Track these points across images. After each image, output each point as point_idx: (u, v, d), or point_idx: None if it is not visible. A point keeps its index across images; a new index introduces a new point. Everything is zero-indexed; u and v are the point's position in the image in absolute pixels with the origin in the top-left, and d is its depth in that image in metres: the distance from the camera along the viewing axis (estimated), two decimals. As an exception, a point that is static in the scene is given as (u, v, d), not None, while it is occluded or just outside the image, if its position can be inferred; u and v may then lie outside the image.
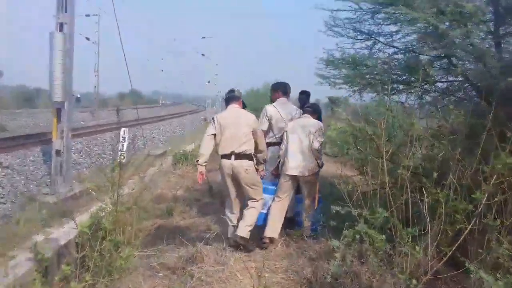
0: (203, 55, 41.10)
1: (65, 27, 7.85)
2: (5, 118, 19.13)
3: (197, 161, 4.91)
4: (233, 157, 4.72)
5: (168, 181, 8.40)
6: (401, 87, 4.83)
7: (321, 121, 5.45)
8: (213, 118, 4.98)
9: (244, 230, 4.71)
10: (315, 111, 5.22)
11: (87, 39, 27.47)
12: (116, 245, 4.01)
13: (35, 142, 11.44)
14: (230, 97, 5.06)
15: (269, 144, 5.33)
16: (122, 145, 11.88)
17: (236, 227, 4.81)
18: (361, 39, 4.82)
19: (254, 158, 4.83)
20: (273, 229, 4.81)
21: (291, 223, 5.20)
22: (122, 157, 11.77)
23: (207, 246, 4.44)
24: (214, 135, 4.83)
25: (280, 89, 5.76)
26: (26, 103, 41.56)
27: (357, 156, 4.04)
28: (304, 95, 7.29)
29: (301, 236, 4.77)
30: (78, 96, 45.46)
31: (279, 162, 5.13)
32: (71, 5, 7.85)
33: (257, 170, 4.89)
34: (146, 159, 12.96)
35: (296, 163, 4.82)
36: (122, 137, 11.94)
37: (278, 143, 5.30)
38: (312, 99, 7.19)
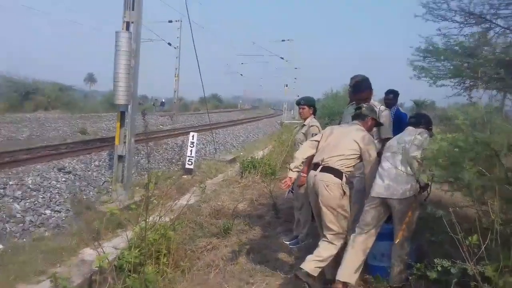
0: (282, 58, 40.50)
1: (131, 26, 7.51)
2: (89, 122, 19.96)
3: (290, 164, 4.11)
4: (319, 167, 3.84)
5: (231, 192, 7.69)
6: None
7: None
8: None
9: (310, 265, 3.76)
10: (420, 123, 3.97)
11: (169, 44, 27.99)
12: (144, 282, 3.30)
13: (103, 146, 11.43)
14: (356, 115, 4.16)
15: None
16: (191, 150, 11.56)
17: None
18: (471, 23, 3.68)
19: (344, 178, 3.80)
20: (349, 271, 3.64)
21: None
22: (190, 163, 11.47)
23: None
24: (318, 142, 4.05)
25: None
26: (113, 108, 43.96)
27: (476, 183, 2.73)
28: (392, 95, 6.18)
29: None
30: (163, 100, 47.43)
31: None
32: (138, 3, 7.48)
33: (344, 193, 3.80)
34: (216, 165, 12.53)
35: (385, 181, 3.69)
36: (191, 142, 11.60)
37: None
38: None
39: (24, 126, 16.55)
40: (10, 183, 6.94)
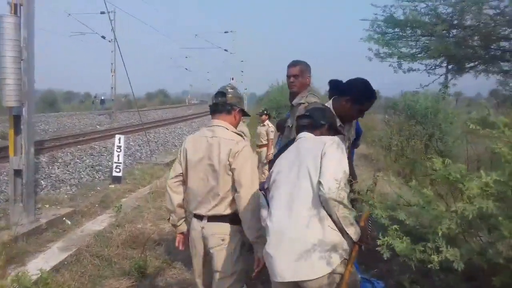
0: (226, 50, 39.21)
1: (20, 10, 6.00)
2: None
3: (169, 219, 3.00)
4: (204, 219, 2.75)
5: (159, 207, 6.42)
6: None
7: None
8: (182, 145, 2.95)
9: None
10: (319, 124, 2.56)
11: (103, 37, 25.90)
12: None
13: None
14: (213, 106, 2.88)
15: None
16: (118, 155, 10.08)
17: None
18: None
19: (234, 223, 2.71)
20: None
21: None
22: (118, 170, 10.01)
23: None
24: (182, 175, 2.87)
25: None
26: (50, 107, 40.85)
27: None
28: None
29: None
30: (102, 98, 44.62)
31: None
32: (27, -20, 5.97)
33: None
34: (151, 169, 11.16)
35: (287, 255, 2.11)
36: (117, 146, 10.10)
37: None
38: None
39: None
40: None
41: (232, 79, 42.24)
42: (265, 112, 8.83)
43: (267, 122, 8.68)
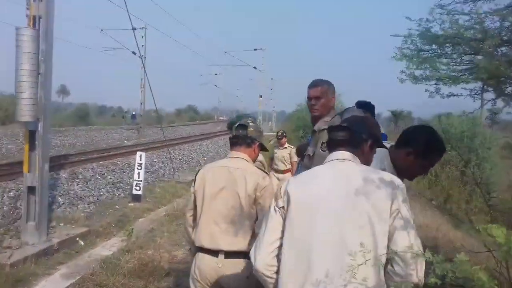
0: (255, 68, 39.16)
1: (39, 22, 5.86)
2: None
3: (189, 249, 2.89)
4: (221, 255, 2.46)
5: (173, 231, 6.05)
6: None
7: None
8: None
9: None
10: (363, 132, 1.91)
11: (134, 53, 26.22)
12: None
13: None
14: (234, 138, 2.74)
15: None
16: (138, 173, 9.84)
17: None
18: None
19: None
20: None
21: None
22: (138, 188, 9.75)
23: None
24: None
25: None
26: (82, 121, 41.75)
27: None
28: (363, 110, 4.60)
29: None
30: (133, 113, 45.30)
31: None
32: (48, -8, 5.83)
33: None
34: (173, 187, 10.87)
35: None
36: (138, 163, 9.88)
37: None
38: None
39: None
40: None
41: (261, 96, 42.19)
42: (284, 134, 8.36)
43: (287, 144, 8.20)
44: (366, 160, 1.83)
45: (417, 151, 2.35)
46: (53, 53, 6.04)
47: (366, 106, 2.82)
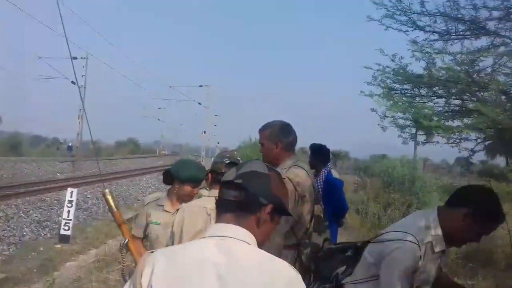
0: (199, 104, 39.11)
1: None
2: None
3: None
4: None
5: (103, 281, 5.47)
6: None
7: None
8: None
9: None
10: (260, 193, 1.37)
11: (73, 83, 25.18)
12: None
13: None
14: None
15: None
16: (68, 211, 9.08)
17: None
18: (464, 35, 2.16)
19: None
20: None
21: None
22: (67, 228, 8.97)
23: None
24: None
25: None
26: (13, 151, 39.07)
27: None
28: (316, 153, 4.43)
29: None
30: (70, 144, 43.12)
31: None
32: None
33: None
34: (107, 226, 10.12)
35: None
36: (69, 200, 9.14)
37: None
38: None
39: None
40: None
41: (204, 132, 41.92)
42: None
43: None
44: (261, 235, 1.35)
45: (477, 214, 2.02)
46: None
47: (319, 150, 2.64)
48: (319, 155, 4.08)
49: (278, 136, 2.75)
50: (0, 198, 10.55)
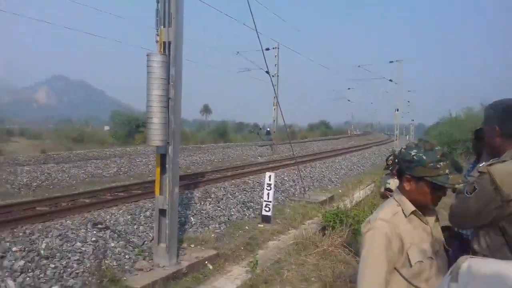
0: (390, 80, 36.98)
1: (169, 48, 5.96)
2: (182, 155, 19.29)
3: None
4: None
5: (301, 264, 5.50)
6: None
7: None
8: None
9: None
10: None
11: (267, 72, 26.87)
12: None
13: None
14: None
15: None
16: (268, 194, 9.60)
17: None
18: None
19: None
20: None
21: None
22: (267, 209, 9.50)
23: None
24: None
25: None
26: (221, 138, 44.25)
27: None
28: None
29: None
30: (268, 129, 46.59)
31: None
32: (177, 17, 5.91)
33: None
34: (304, 208, 10.39)
35: None
36: (267, 184, 9.65)
37: None
38: None
39: (113, 162, 16.29)
40: (14, 249, 5.66)
41: (397, 110, 39.64)
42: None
43: None
44: None
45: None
46: (182, 77, 6.11)
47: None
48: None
49: (499, 119, 2.07)
50: (213, 181, 11.90)
